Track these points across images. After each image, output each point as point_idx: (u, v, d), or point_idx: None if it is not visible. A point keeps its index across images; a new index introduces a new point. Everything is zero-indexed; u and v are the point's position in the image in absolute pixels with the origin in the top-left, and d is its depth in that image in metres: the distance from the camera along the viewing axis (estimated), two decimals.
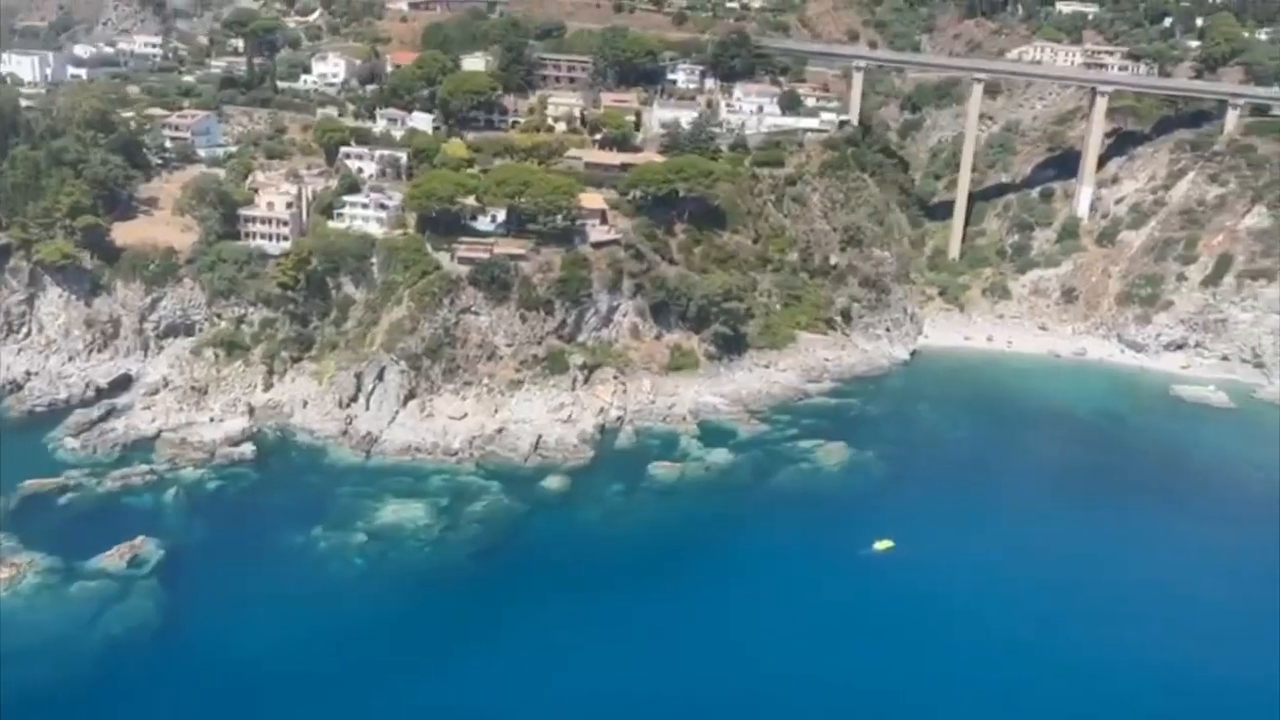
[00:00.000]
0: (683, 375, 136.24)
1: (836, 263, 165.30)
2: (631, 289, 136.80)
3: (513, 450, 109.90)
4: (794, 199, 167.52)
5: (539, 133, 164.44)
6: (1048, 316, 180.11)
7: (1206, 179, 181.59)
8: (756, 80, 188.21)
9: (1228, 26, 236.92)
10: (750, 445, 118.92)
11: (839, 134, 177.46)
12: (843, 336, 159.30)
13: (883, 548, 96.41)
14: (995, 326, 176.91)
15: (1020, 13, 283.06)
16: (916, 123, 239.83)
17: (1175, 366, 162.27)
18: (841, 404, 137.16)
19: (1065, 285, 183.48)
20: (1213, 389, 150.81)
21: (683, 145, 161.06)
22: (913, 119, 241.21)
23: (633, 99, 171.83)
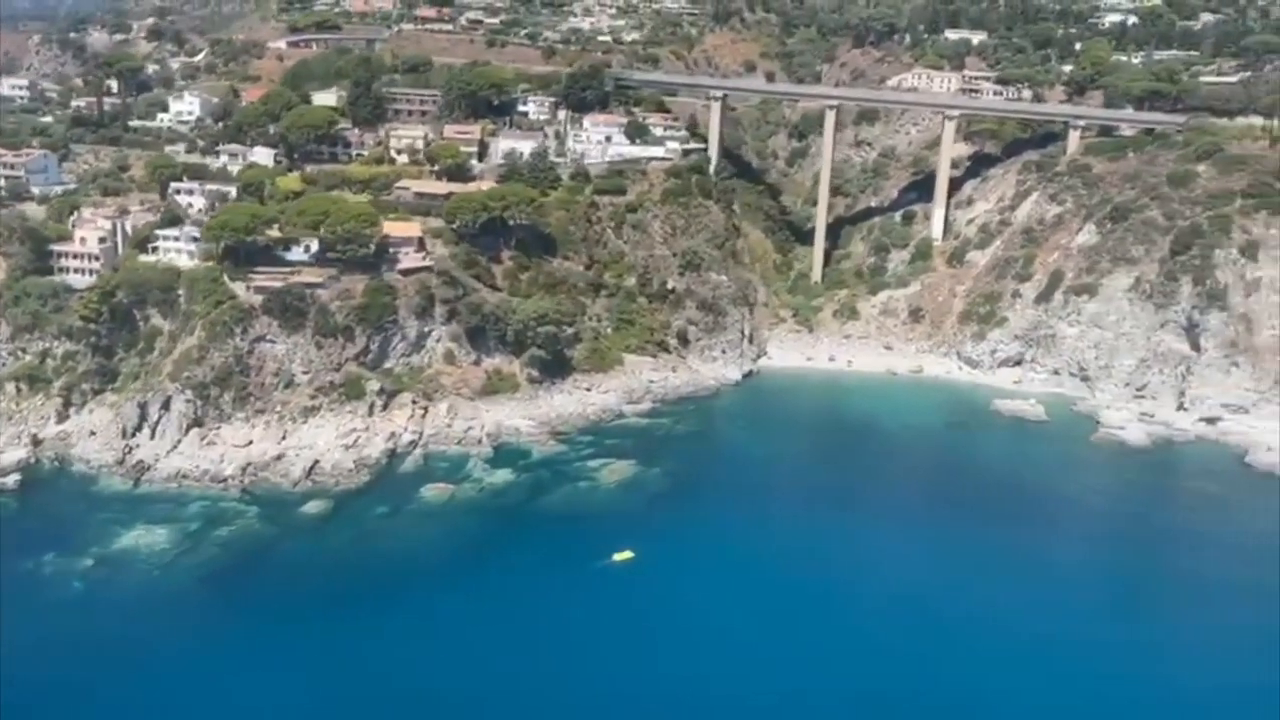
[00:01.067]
0: (496, 399, 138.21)
1: (674, 287, 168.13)
2: (445, 315, 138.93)
3: (284, 476, 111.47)
4: (634, 226, 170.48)
5: (380, 165, 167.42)
6: (894, 336, 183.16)
7: (1047, 199, 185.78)
8: (610, 111, 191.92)
9: (1099, 51, 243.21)
10: (539, 466, 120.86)
11: (683, 162, 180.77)
12: (677, 359, 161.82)
13: (622, 558, 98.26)
14: (841, 347, 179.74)
15: (907, 41, 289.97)
16: (803, 150, 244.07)
17: (1008, 382, 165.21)
18: (653, 424, 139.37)
19: (913, 305, 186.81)
20: (1032, 403, 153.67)
21: (521, 174, 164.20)
22: (799, 146, 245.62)
23: (476, 130, 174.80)
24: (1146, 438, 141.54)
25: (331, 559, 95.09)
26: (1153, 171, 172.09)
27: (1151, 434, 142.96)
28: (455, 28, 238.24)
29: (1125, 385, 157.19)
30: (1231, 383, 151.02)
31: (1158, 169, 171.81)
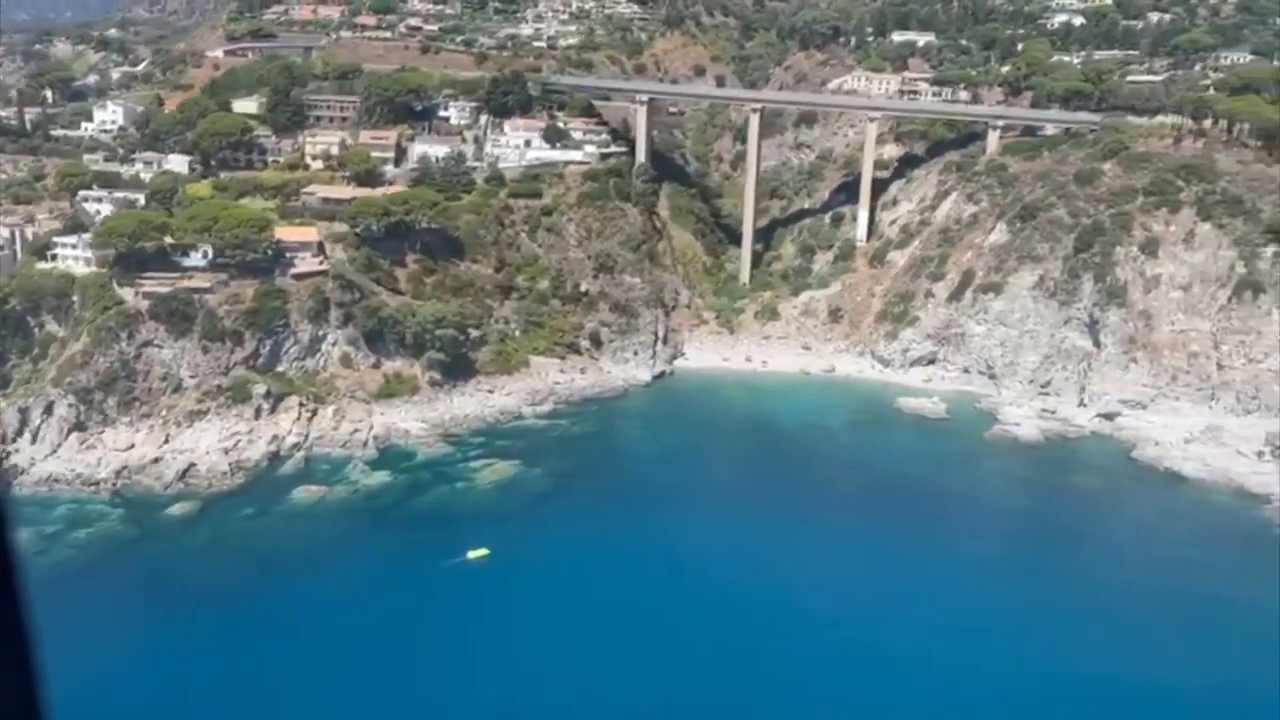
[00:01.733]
0: (393, 402, 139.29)
1: (588, 289, 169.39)
2: (340, 318, 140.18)
3: (157, 479, 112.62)
4: (548, 229, 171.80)
5: (294, 171, 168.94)
6: (813, 336, 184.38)
7: (965, 198, 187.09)
8: (533, 116, 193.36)
9: (1036, 51, 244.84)
10: (421, 467, 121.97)
11: (601, 166, 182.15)
12: (588, 360, 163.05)
13: (476, 556, 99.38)
14: (760, 348, 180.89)
15: (851, 44, 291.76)
16: (745, 153, 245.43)
17: (919, 381, 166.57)
18: (550, 425, 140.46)
19: (832, 306, 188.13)
20: (935, 400, 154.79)
21: (433, 179, 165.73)
22: (744, 150, 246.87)
23: (392, 136, 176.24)
24: (1040, 434, 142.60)
25: (185, 559, 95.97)
26: (1062, 171, 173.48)
27: (1046, 430, 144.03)
28: (394, 35, 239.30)
29: (1030, 382, 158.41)
30: (1130, 379, 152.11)
31: (1067, 168, 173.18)
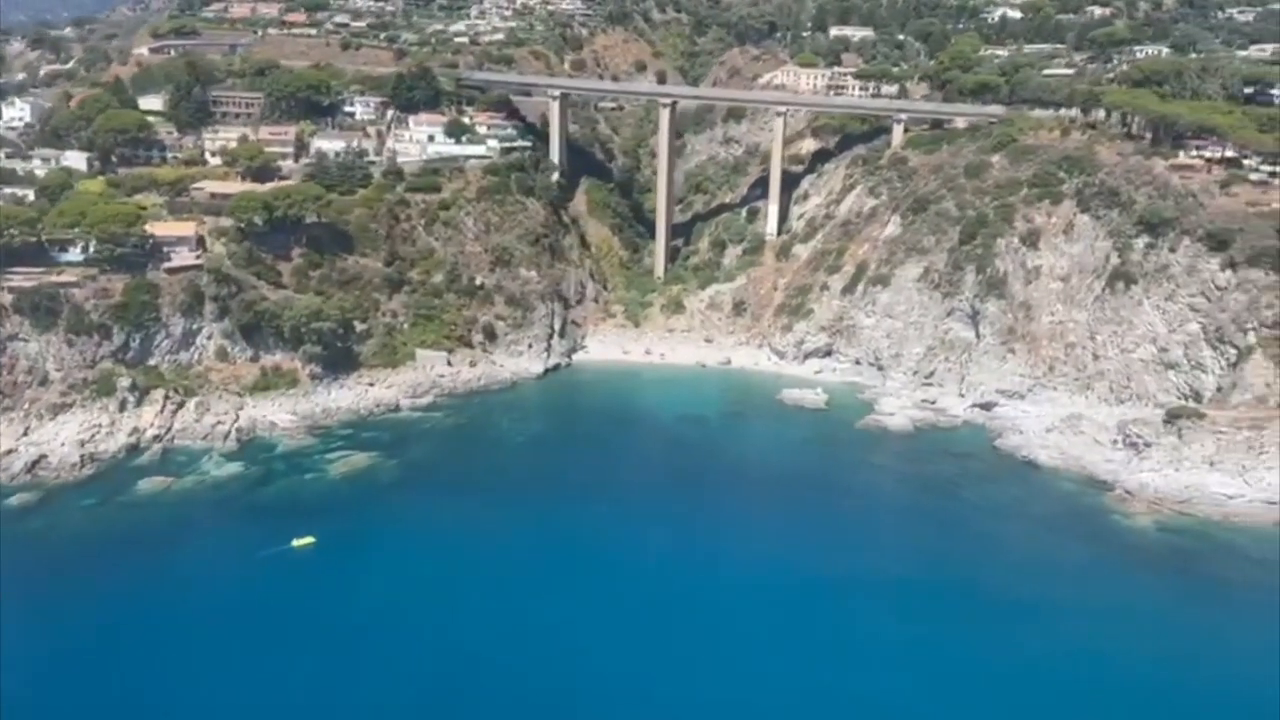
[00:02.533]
0: (269, 395, 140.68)
1: (483, 283, 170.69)
2: (216, 312, 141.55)
3: (4, 471, 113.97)
4: (445, 223, 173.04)
5: (191, 166, 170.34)
6: (717, 329, 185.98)
7: (867, 192, 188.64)
8: (440, 111, 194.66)
9: (963, 46, 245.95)
10: (278, 459, 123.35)
11: (502, 160, 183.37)
12: (481, 353, 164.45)
13: (301, 544, 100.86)
14: (663, 341, 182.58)
15: (787, 39, 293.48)
16: (680, 149, 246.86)
17: (811, 372, 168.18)
18: (424, 417, 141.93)
19: (737, 299, 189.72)
20: (817, 392, 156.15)
21: (328, 173, 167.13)
22: (677, 144, 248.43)
23: (292, 131, 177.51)
24: (910, 424, 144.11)
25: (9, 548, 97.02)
26: (954, 164, 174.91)
27: (918, 420, 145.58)
28: (319, 32, 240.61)
29: (914, 373, 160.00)
30: (1007, 370, 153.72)
31: (959, 161, 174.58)
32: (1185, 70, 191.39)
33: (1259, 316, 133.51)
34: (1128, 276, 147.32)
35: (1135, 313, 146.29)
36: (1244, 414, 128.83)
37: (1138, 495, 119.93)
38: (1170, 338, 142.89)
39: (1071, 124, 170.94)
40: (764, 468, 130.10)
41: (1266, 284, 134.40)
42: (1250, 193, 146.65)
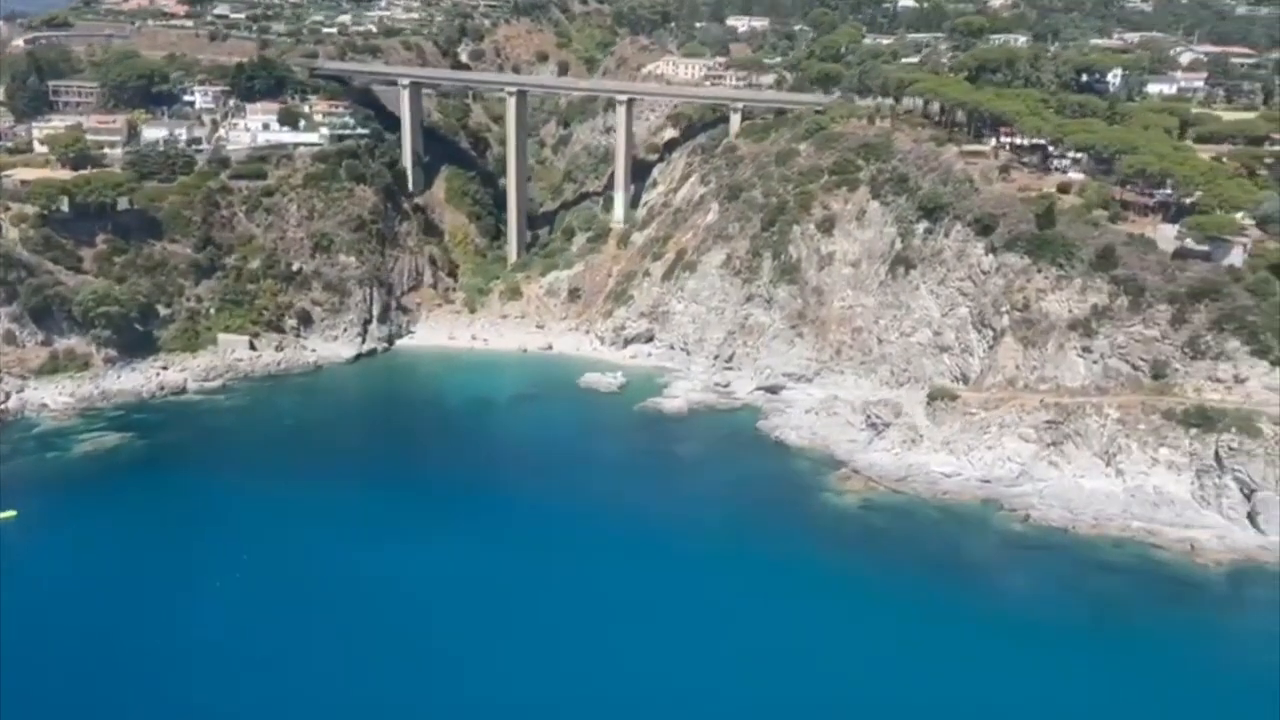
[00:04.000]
0: (55, 378, 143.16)
1: (301, 268, 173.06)
2: (3, 296, 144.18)
3: None
4: (268, 209, 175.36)
5: (16, 154, 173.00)
6: (551, 315, 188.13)
7: (700, 180, 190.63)
8: (282, 100, 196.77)
9: (844, 36, 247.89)
10: (31, 439, 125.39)
11: (332, 147, 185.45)
12: (293, 338, 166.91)
13: (3, 518, 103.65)
14: (494, 327, 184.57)
15: (676, 29, 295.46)
16: (567, 137, 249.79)
17: (627, 357, 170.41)
18: (207, 400, 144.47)
19: (573, 286, 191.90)
20: (616, 376, 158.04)
21: (149, 161, 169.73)
22: (565, 134, 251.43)
23: (121, 120, 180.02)
24: (686, 406, 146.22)
25: None
26: (769, 152, 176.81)
27: (695, 403, 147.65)
28: (196, 25, 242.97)
29: (716, 357, 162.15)
30: (795, 353, 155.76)
31: (774, 149, 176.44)
32: (1017, 59, 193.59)
33: (1011, 299, 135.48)
34: (907, 261, 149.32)
35: (913, 297, 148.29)
36: (993, 395, 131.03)
37: (862, 473, 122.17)
38: (943, 321, 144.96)
39: (877, 112, 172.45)
40: (518, 447, 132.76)
41: (1020, 267, 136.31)
42: (1026, 179, 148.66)
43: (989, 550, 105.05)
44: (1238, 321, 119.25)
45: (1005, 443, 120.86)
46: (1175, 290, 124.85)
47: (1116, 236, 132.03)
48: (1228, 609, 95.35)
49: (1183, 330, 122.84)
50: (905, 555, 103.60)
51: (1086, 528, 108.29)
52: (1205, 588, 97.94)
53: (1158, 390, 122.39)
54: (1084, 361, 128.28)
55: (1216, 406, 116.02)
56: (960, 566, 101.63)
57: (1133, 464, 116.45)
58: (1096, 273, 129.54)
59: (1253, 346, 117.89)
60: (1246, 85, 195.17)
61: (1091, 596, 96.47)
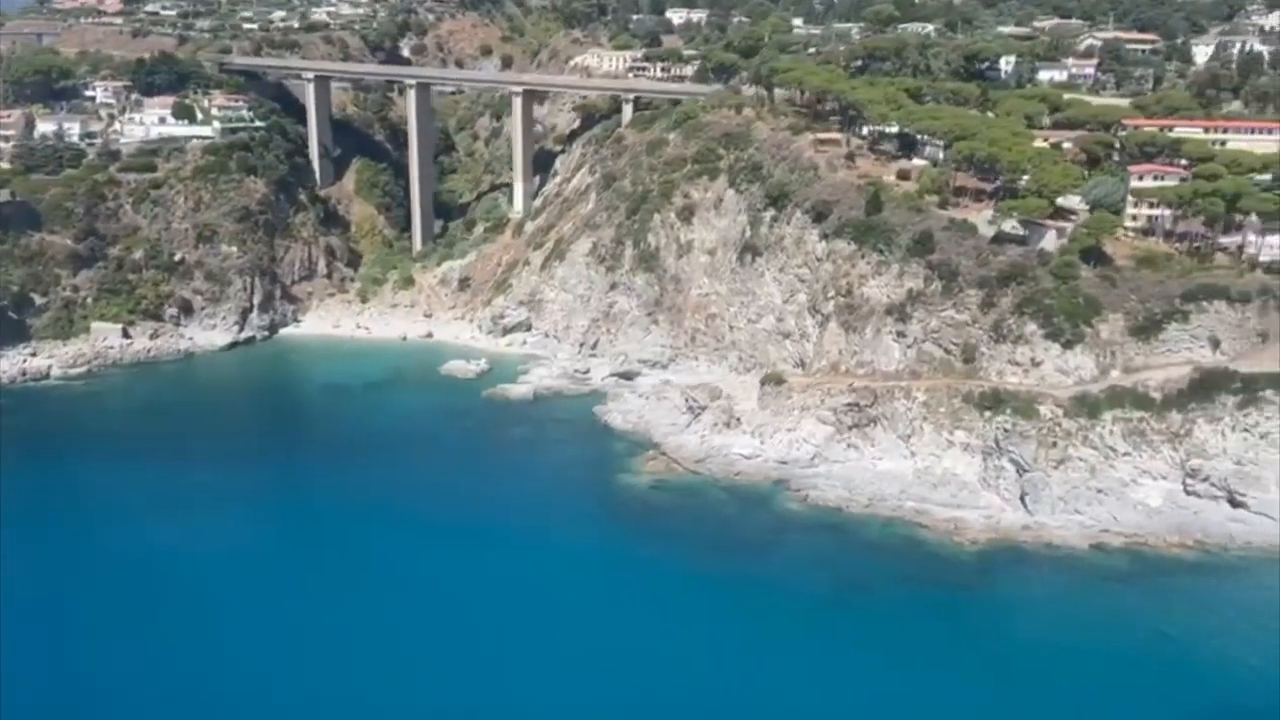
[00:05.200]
0: None
1: (183, 258, 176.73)
2: None
3: None
4: (155, 201, 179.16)
5: None
6: (440, 304, 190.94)
7: (589, 170, 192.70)
8: (184, 95, 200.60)
9: (769, 27, 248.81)
10: None
11: (223, 140, 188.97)
12: (173, 327, 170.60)
13: None
14: (382, 316, 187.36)
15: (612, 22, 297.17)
16: (499, 130, 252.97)
17: (502, 346, 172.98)
18: (64, 386, 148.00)
19: (465, 275, 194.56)
20: (477, 363, 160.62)
21: (35, 155, 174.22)
22: (497, 126, 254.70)
23: (15, 114, 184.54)
24: (531, 392, 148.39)
25: None
26: (643, 141, 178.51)
27: (541, 389, 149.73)
28: (125, 22, 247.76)
29: (581, 344, 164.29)
30: (651, 340, 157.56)
31: (648, 138, 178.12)
32: (906, 47, 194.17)
33: (836, 285, 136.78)
34: (755, 249, 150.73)
35: (759, 284, 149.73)
36: (815, 380, 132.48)
37: (667, 455, 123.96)
38: (785, 308, 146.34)
39: (758, 102, 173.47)
40: (350, 430, 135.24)
41: (848, 254, 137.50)
42: (870, 166, 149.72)
43: (758, 529, 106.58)
44: (1035, 305, 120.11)
45: (804, 425, 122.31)
46: (986, 275, 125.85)
47: (938, 222, 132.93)
48: (964, 586, 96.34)
49: (990, 314, 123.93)
50: (675, 532, 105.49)
51: (860, 508, 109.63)
52: (953, 566, 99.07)
53: (966, 374, 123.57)
54: (899, 346, 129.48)
55: (1009, 389, 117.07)
56: (724, 544, 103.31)
57: (926, 446, 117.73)
58: (913, 258, 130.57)
59: (1047, 330, 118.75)
60: (1138, 72, 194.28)
61: (839, 573, 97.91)
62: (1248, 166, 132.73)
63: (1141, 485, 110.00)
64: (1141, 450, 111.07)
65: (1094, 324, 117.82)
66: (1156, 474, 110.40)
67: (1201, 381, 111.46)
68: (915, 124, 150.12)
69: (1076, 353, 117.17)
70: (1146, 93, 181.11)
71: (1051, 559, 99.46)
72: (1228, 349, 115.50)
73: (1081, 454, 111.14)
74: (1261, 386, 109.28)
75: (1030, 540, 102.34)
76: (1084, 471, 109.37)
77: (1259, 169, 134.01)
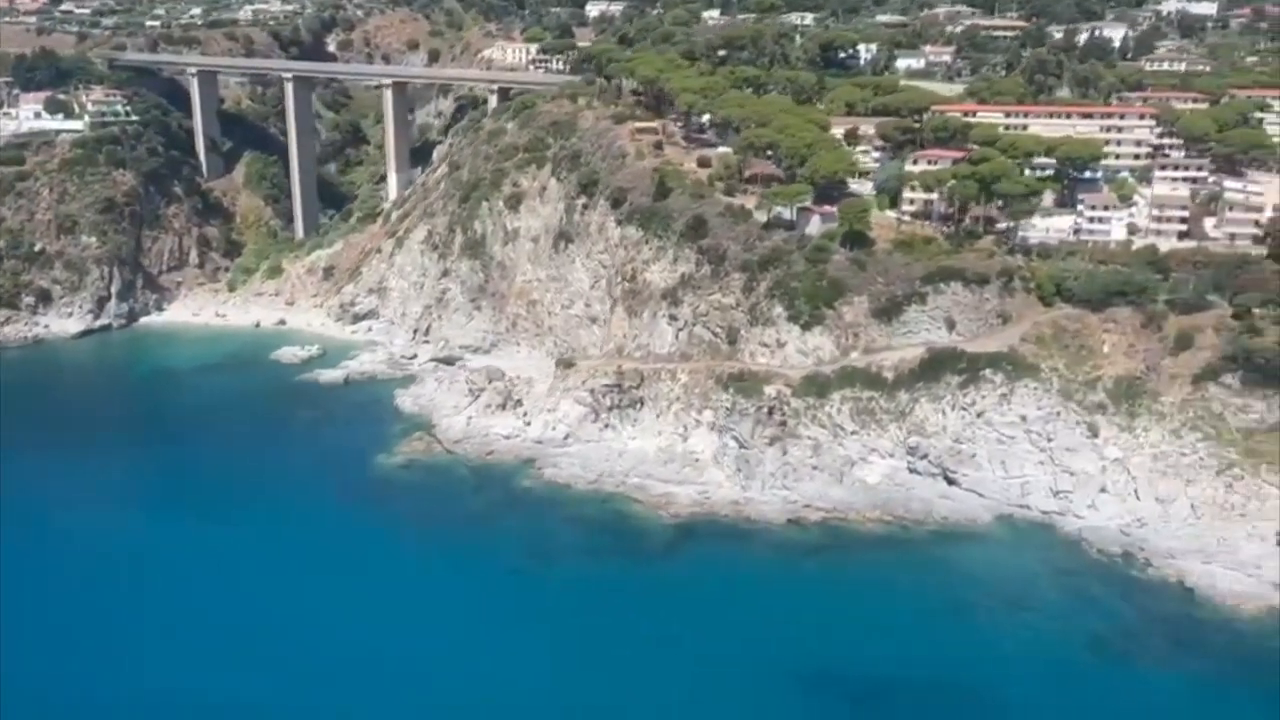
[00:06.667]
0: None
1: (44, 248, 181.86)
2: None
3: None
4: (19, 193, 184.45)
5: None
6: (303, 292, 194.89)
7: (451, 159, 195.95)
8: (66, 91, 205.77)
9: (669, 18, 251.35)
10: None
11: (92, 134, 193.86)
12: (28, 314, 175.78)
13: None
14: (245, 304, 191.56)
15: (527, 14, 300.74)
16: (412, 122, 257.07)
17: (348, 332, 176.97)
18: None
19: (329, 264, 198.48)
20: (312, 349, 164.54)
21: None
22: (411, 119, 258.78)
23: None
24: (342, 377, 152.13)
25: None
26: (488, 130, 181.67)
27: (355, 373, 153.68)
28: (39, 19, 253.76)
29: (415, 330, 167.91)
30: (474, 326, 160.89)
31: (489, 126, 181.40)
32: (762, 36, 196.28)
33: (623, 271, 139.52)
34: (568, 236, 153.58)
35: (571, 270, 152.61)
36: (599, 364, 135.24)
37: (432, 436, 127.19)
38: (591, 294, 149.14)
39: (582, 90, 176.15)
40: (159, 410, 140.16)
41: (636, 239, 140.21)
42: (676, 153, 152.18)
43: (480, 505, 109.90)
44: (783, 289, 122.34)
45: (562, 407, 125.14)
46: (749, 259, 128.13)
47: (715, 209, 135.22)
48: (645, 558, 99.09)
49: (751, 298, 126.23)
50: (400, 509, 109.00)
51: (586, 485, 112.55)
52: (644, 538, 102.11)
53: (729, 356, 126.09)
54: (672, 329, 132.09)
55: (751, 370, 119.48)
56: (438, 519, 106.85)
57: (672, 426, 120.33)
58: (686, 243, 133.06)
59: (790, 312, 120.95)
60: (995, 59, 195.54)
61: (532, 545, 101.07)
62: (1025, 150, 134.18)
63: (870, 463, 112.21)
64: (870, 429, 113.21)
65: (837, 306, 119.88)
66: (884, 452, 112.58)
67: (930, 362, 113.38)
68: (721, 112, 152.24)
69: (815, 334, 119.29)
70: (997, 79, 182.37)
71: (743, 533, 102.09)
72: (964, 330, 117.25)
73: (812, 432, 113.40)
74: (983, 366, 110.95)
75: (732, 515, 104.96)
76: (807, 449, 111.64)
77: (1043, 153, 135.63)
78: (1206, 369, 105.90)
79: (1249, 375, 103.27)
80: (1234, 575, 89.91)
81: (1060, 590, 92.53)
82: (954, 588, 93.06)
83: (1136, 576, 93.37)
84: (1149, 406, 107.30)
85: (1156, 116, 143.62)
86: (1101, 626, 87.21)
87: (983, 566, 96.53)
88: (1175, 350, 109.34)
